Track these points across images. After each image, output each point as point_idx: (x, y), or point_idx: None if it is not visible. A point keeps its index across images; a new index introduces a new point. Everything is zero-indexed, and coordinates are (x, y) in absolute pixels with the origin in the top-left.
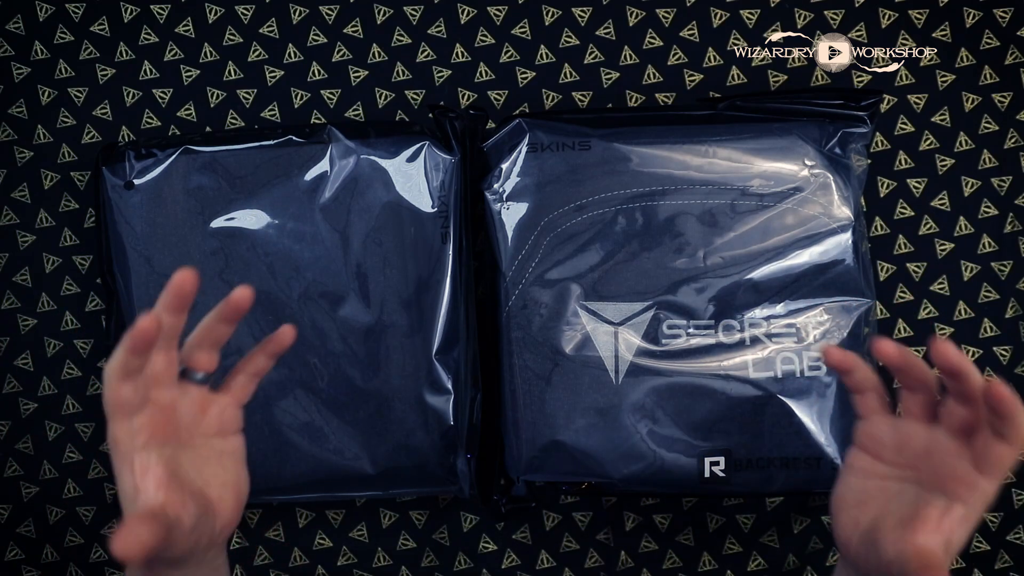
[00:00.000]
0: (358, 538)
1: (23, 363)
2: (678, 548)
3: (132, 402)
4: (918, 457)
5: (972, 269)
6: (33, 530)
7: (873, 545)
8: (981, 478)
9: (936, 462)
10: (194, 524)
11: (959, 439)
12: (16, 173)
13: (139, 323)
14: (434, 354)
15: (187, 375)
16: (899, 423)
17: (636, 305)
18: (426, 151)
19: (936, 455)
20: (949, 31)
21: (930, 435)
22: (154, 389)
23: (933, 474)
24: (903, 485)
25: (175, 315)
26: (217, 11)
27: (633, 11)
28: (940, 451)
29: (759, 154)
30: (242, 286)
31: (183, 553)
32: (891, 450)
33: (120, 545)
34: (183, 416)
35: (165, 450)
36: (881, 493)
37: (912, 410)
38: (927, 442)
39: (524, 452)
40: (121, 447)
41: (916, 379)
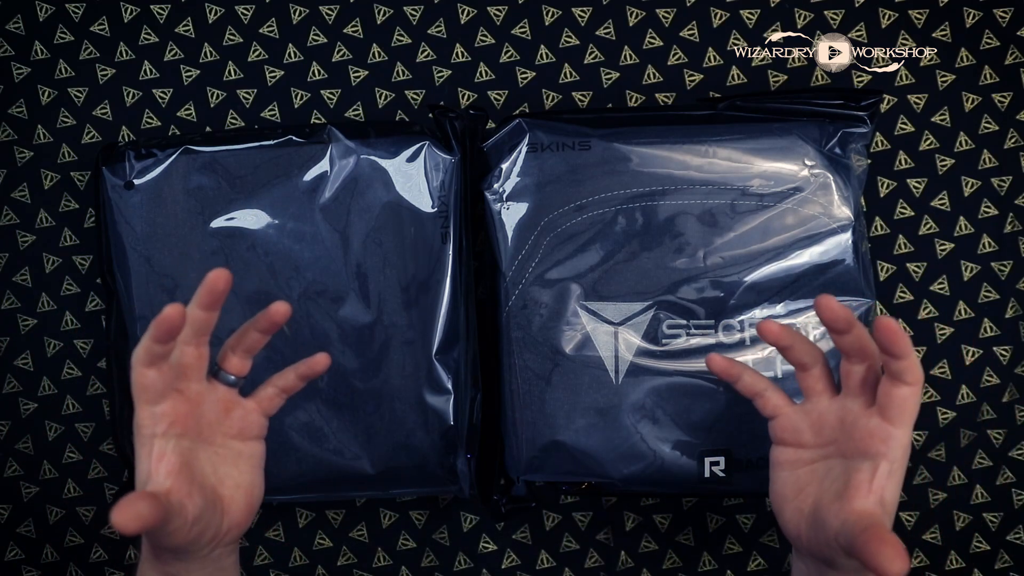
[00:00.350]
0: (358, 538)
1: (23, 363)
2: (678, 548)
3: (156, 388)
4: (834, 430)
5: (972, 269)
6: (33, 530)
7: (820, 525)
8: (892, 428)
9: (850, 428)
10: (199, 516)
11: (863, 398)
12: (16, 173)
13: (164, 311)
14: (434, 354)
15: (218, 376)
16: (807, 406)
17: (636, 305)
18: (426, 151)
19: (848, 421)
20: (949, 31)
21: (837, 405)
22: (182, 380)
23: (851, 440)
24: (830, 462)
25: (207, 311)
26: (217, 11)
27: (633, 11)
28: (850, 416)
29: (759, 154)
30: (280, 302)
31: (185, 542)
32: (809, 434)
33: (118, 516)
34: (207, 412)
35: (183, 441)
36: (813, 476)
37: (814, 387)
38: (837, 413)
39: (524, 452)
40: (143, 431)
41: (807, 354)
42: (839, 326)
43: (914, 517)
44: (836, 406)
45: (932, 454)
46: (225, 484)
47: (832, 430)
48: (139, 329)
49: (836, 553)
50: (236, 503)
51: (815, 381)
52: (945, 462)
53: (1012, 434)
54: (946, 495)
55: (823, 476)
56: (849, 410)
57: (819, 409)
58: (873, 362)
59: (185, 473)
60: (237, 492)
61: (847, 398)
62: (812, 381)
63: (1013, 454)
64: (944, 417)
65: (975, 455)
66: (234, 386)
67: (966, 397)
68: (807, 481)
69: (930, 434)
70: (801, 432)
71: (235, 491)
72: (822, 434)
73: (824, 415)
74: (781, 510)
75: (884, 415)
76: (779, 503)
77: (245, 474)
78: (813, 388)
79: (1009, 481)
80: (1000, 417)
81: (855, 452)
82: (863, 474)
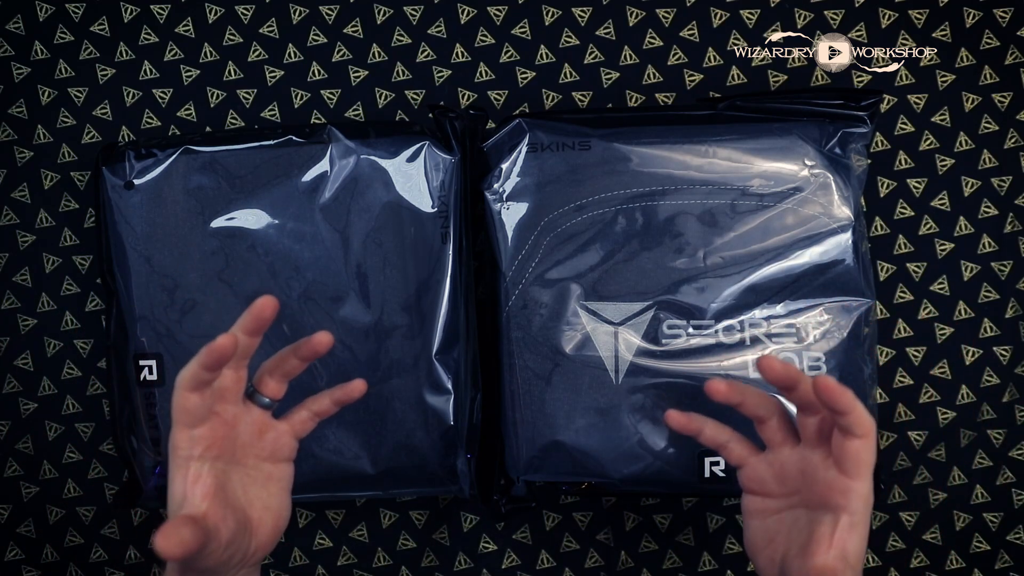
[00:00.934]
0: (358, 538)
1: (23, 363)
2: (678, 548)
3: (197, 413)
4: (796, 480)
5: (972, 269)
6: (33, 530)
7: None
8: (851, 481)
9: (810, 479)
10: (231, 539)
11: (820, 449)
12: (16, 173)
13: (218, 341)
14: (434, 354)
15: (254, 398)
16: (771, 456)
17: (636, 305)
18: (426, 151)
19: (808, 472)
20: (949, 31)
21: (798, 456)
22: (220, 402)
23: (812, 492)
24: (796, 512)
25: (251, 337)
26: (217, 11)
27: (633, 11)
28: (810, 467)
29: (759, 154)
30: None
31: (216, 564)
32: (773, 484)
33: (162, 542)
34: (241, 434)
35: (218, 464)
36: (781, 526)
37: (773, 438)
38: (798, 463)
39: (524, 452)
40: (180, 453)
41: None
42: (783, 384)
43: (914, 517)
44: (797, 456)
45: (932, 454)
46: (255, 506)
47: (794, 480)
48: (139, 329)
49: None
50: (265, 525)
51: (773, 432)
52: (945, 462)
53: (1012, 434)
54: (946, 495)
55: (790, 526)
56: (809, 460)
57: (781, 459)
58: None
59: (220, 496)
60: (266, 514)
61: (806, 448)
62: (771, 432)
63: (1013, 454)
64: (944, 417)
65: (975, 455)
66: (268, 408)
67: (966, 397)
68: (776, 531)
69: (930, 434)
70: (766, 482)
71: (264, 513)
72: (786, 484)
73: (786, 465)
74: (755, 558)
75: (840, 468)
76: (752, 551)
77: (274, 496)
78: (773, 439)
79: (1009, 481)
80: (1000, 417)
81: (817, 504)
82: (824, 527)
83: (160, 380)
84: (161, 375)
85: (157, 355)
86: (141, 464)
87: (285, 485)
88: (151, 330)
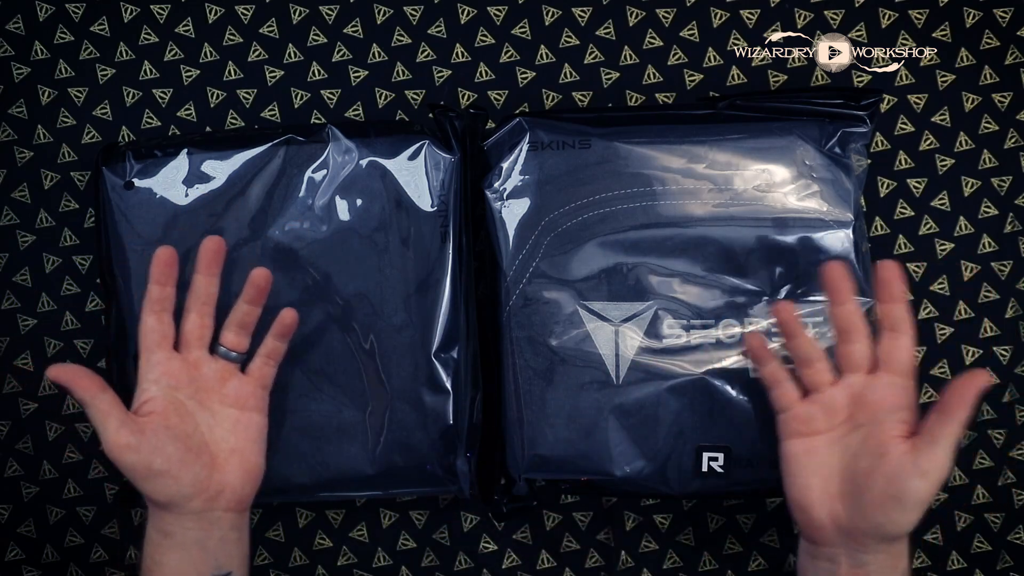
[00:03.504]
0: (358, 538)
1: (23, 363)
2: (678, 548)
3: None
4: (844, 408)
5: (972, 269)
6: (33, 530)
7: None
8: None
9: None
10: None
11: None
12: (16, 173)
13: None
14: (433, 353)
15: (219, 352)
16: (815, 396)
17: (637, 304)
18: (426, 150)
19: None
20: (949, 31)
21: (843, 386)
22: (184, 347)
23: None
24: (847, 438)
25: (207, 277)
26: (217, 11)
27: (633, 11)
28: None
29: (759, 154)
30: (260, 268)
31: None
32: (822, 420)
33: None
34: (205, 378)
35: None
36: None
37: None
38: (844, 392)
39: (525, 451)
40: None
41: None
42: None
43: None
44: (842, 387)
45: None
46: (220, 446)
47: (843, 408)
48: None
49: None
50: (231, 466)
51: (820, 374)
52: None
53: (1012, 434)
54: (947, 495)
55: (843, 453)
56: (855, 384)
57: (827, 395)
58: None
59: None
60: (233, 457)
61: (849, 376)
62: (818, 375)
63: (1014, 454)
64: None
65: (976, 455)
66: (236, 361)
67: None
68: (828, 463)
69: None
70: (814, 419)
71: (230, 455)
72: (835, 415)
73: (834, 398)
74: (807, 500)
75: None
76: (803, 494)
77: (242, 441)
78: (820, 380)
79: (1010, 481)
80: (1000, 417)
81: (871, 417)
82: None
83: None
84: None
85: None
86: None
87: (253, 434)
88: None
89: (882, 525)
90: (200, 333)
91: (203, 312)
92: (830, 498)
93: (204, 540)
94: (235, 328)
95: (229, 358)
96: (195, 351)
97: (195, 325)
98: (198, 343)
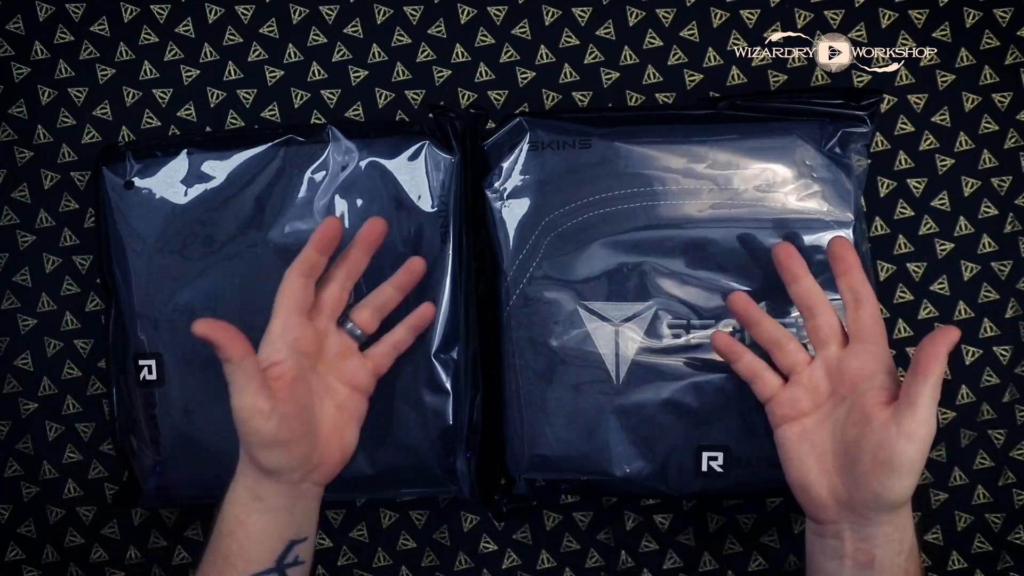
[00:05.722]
0: (358, 538)
1: (23, 363)
2: (678, 548)
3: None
4: (825, 383)
5: (972, 269)
6: (33, 530)
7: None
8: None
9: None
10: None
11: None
12: (16, 173)
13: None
14: (433, 354)
15: (346, 327)
16: (796, 379)
17: (637, 304)
18: (426, 151)
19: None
20: (949, 31)
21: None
22: (316, 312)
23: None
24: (834, 413)
25: (363, 254)
26: (217, 11)
27: (633, 11)
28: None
29: (759, 154)
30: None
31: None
32: (807, 400)
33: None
34: (328, 349)
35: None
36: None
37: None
38: (822, 368)
39: (525, 451)
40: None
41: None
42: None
43: (915, 518)
44: (819, 364)
45: (933, 454)
46: (325, 422)
47: (824, 384)
48: (139, 328)
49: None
50: (332, 445)
51: (793, 355)
52: (946, 462)
53: (1012, 434)
54: (947, 495)
55: (833, 428)
56: (830, 357)
57: (806, 375)
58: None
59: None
60: (335, 435)
61: (822, 350)
62: (791, 356)
63: (1014, 454)
64: (944, 417)
65: (976, 455)
66: (358, 340)
67: (966, 397)
68: (821, 440)
69: None
70: (799, 401)
71: (333, 433)
72: (818, 394)
73: (814, 376)
74: (806, 481)
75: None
76: (801, 475)
77: (343, 422)
78: (796, 361)
79: (1010, 481)
80: (1000, 417)
81: (851, 388)
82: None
83: (160, 380)
84: (161, 375)
85: (157, 355)
86: (141, 464)
87: (355, 416)
88: (151, 330)
89: (879, 493)
90: (336, 305)
91: (345, 286)
92: (827, 474)
93: (292, 507)
94: (371, 309)
95: (354, 335)
96: (325, 321)
97: (333, 296)
98: (331, 314)
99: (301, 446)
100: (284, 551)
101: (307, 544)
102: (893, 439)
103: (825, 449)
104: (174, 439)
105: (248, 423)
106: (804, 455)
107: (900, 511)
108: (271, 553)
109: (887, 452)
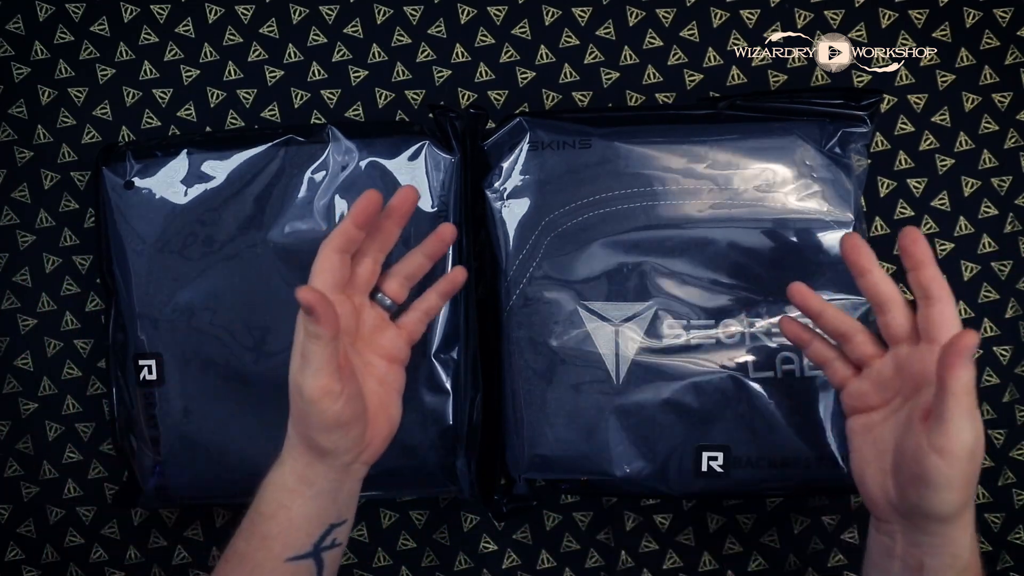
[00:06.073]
0: (358, 538)
1: (23, 363)
2: (678, 548)
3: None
4: (894, 380)
5: (972, 269)
6: (33, 530)
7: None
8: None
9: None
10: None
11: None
12: (16, 173)
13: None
14: (433, 354)
15: (376, 298)
16: (866, 371)
17: (637, 304)
18: (426, 151)
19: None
20: (949, 31)
21: (889, 358)
22: (351, 288)
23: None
24: (899, 413)
25: (395, 225)
26: (217, 11)
27: (633, 11)
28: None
29: (759, 154)
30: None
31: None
32: (875, 395)
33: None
34: (364, 325)
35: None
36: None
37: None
38: (891, 364)
39: (525, 451)
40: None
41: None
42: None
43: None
44: (888, 359)
45: None
46: (371, 400)
47: (892, 381)
48: (139, 329)
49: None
50: (378, 420)
51: (863, 347)
52: None
53: (1012, 434)
54: None
55: (895, 427)
56: (900, 355)
57: (875, 368)
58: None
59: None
60: (381, 412)
61: (895, 347)
62: (860, 348)
63: (1014, 454)
64: None
65: None
66: (389, 310)
67: None
68: (883, 438)
69: None
70: (867, 395)
71: (380, 410)
72: (886, 390)
73: (882, 372)
74: (863, 476)
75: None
76: (861, 469)
77: (387, 396)
78: (865, 353)
79: (1010, 481)
80: (1000, 417)
81: (914, 389)
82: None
83: (159, 380)
84: (160, 375)
85: (156, 355)
86: (141, 464)
87: (396, 389)
88: (151, 330)
89: (917, 504)
90: (370, 279)
91: (377, 259)
92: (883, 473)
93: (337, 490)
94: (401, 278)
95: (384, 305)
96: (359, 296)
97: (367, 270)
98: (364, 288)
99: (359, 425)
100: (323, 535)
101: (346, 526)
102: (924, 452)
103: (885, 447)
104: (174, 439)
105: (318, 403)
106: (866, 449)
107: (953, 524)
108: (310, 537)
109: (920, 466)
